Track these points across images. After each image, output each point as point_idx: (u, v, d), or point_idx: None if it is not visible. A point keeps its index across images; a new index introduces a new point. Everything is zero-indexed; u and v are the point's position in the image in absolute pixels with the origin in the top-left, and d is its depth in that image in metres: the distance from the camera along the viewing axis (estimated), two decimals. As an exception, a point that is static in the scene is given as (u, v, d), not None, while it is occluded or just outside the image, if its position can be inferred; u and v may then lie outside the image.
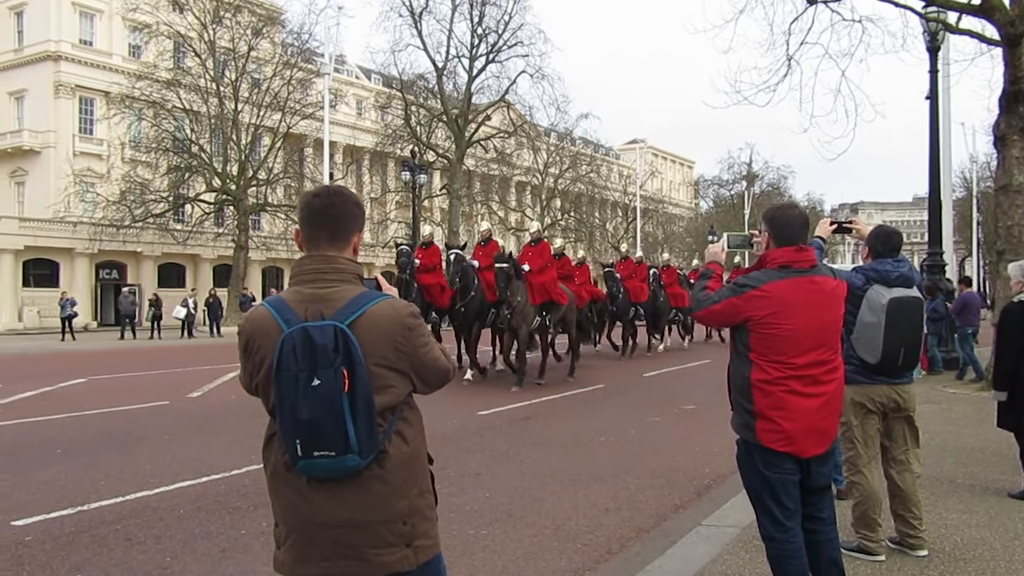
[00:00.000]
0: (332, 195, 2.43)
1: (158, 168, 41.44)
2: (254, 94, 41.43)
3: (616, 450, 8.50)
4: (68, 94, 46.15)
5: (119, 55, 47.60)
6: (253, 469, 7.28)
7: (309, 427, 2.13)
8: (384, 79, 54.53)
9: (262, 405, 2.37)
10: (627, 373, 16.81)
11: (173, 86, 39.42)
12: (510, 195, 64.62)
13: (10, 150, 46.77)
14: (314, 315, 2.20)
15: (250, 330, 2.33)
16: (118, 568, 4.76)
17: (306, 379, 2.12)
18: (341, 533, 2.25)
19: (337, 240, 2.37)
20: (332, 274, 2.32)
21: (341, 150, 54.02)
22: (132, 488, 6.58)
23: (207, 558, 4.97)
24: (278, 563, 2.37)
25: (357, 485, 2.23)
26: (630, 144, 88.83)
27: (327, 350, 2.13)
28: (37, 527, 5.58)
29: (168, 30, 40.32)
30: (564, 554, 5.05)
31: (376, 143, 51.52)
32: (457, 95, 47.47)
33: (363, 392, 2.15)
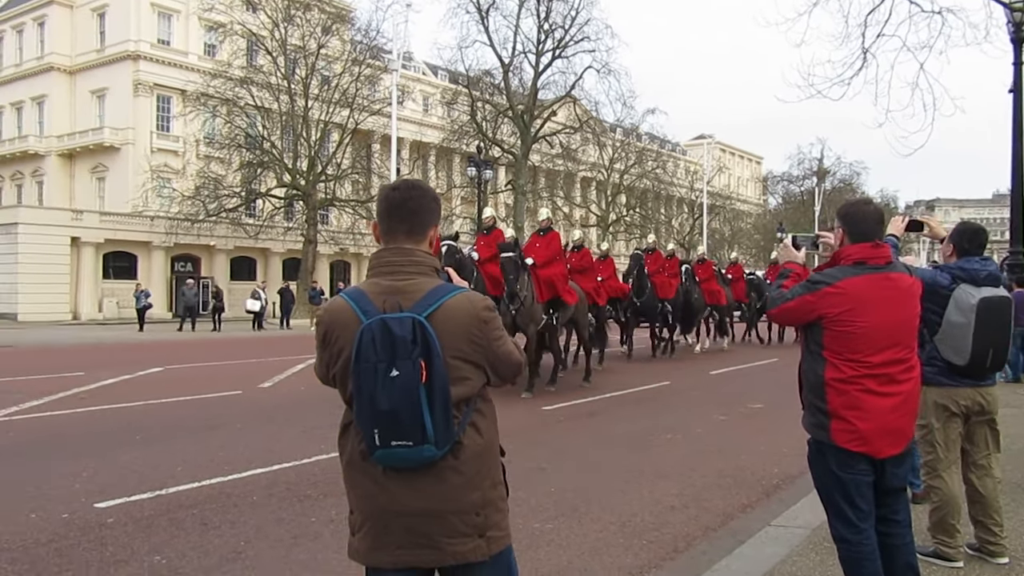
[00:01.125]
0: (411, 189, 2.45)
1: (231, 164, 42.49)
2: (323, 91, 42.19)
3: (682, 448, 8.43)
4: (146, 92, 47.66)
5: (195, 54, 48.94)
6: (322, 459, 7.44)
7: (388, 417, 2.16)
8: (450, 75, 54.88)
9: (329, 396, 2.46)
10: (693, 371, 16.63)
11: (246, 84, 40.37)
12: (575, 191, 64.46)
13: (92, 147, 48.57)
14: (392, 307, 2.24)
15: (329, 321, 2.37)
16: (195, 551, 4.91)
17: (385, 370, 2.15)
18: (416, 522, 2.28)
19: (415, 233, 2.40)
20: (410, 267, 2.35)
21: (408, 146, 54.57)
22: (207, 474, 6.77)
23: (279, 544, 5.09)
24: (352, 550, 2.40)
25: (432, 475, 2.25)
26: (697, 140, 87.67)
27: (406, 342, 2.16)
28: (118, 509, 5.78)
29: (242, 29, 41.34)
30: (630, 550, 5.03)
31: (442, 139, 51.90)
32: (523, 91, 47.50)
33: (440, 384, 2.18)
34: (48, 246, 40.03)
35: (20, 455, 7.68)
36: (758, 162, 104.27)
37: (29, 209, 43.17)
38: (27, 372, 15.01)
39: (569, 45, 46.54)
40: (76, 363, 16.71)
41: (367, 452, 2.25)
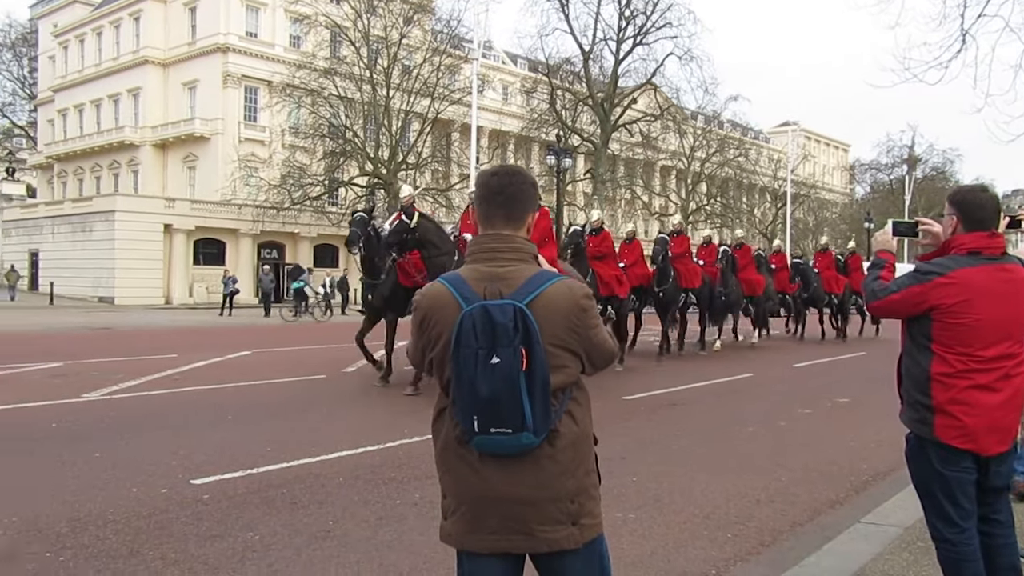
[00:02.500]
0: (510, 174, 2.45)
1: (315, 153, 43.43)
2: (405, 81, 42.68)
3: (766, 441, 8.28)
4: (235, 84, 49.06)
5: (281, 46, 50.09)
6: (405, 442, 7.59)
7: (487, 404, 2.17)
8: (530, 64, 54.86)
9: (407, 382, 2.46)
10: (776, 363, 16.30)
11: (330, 74, 41.13)
12: (654, 179, 63.73)
13: (183, 137, 50.29)
14: (493, 293, 2.24)
15: (427, 306, 2.37)
16: (285, 529, 5.06)
17: (485, 356, 2.15)
18: (510, 508, 2.29)
19: (513, 219, 2.40)
20: (509, 253, 2.35)
21: (487, 135, 54.78)
22: (295, 455, 6.96)
23: (365, 524, 5.20)
24: (445, 534, 2.42)
25: (528, 462, 2.26)
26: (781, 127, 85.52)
27: (507, 329, 2.16)
28: (213, 486, 6.00)
29: (326, 20, 42.12)
30: (714, 543, 4.97)
31: (521, 128, 51.96)
32: (603, 78, 47.20)
33: (540, 371, 2.18)
34: (143, 233, 41.70)
35: (121, 432, 8.03)
36: (845, 150, 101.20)
37: (125, 197, 45.01)
38: (125, 353, 15.66)
39: (650, 31, 46.05)
40: (169, 345, 17.37)
41: (464, 438, 2.26)
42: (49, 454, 6.95)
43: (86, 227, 43.51)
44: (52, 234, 46.23)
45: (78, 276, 42.22)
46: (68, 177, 59.40)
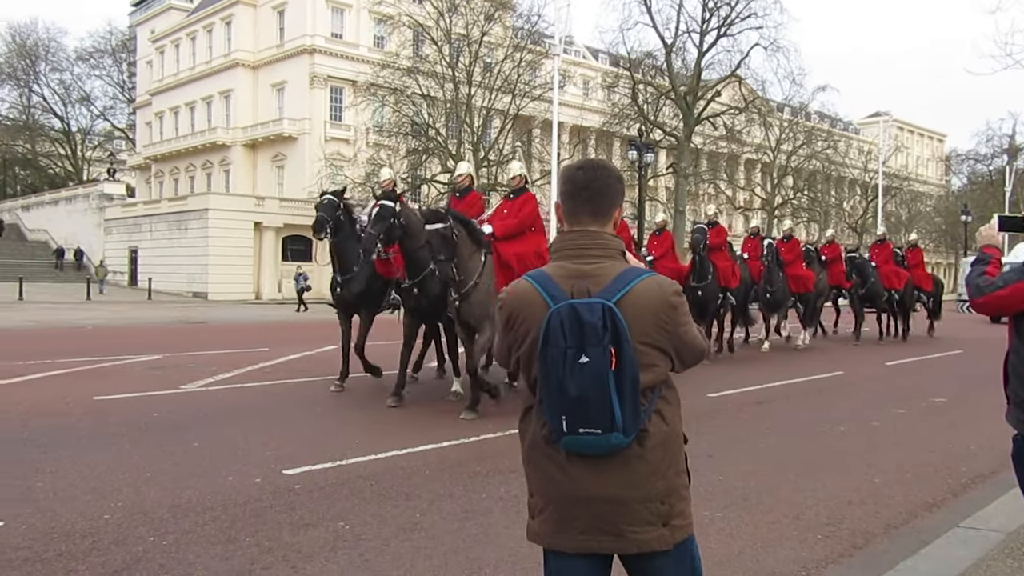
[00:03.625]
0: (595, 169, 2.40)
1: (398, 151, 44.10)
2: (486, 78, 42.94)
3: (857, 441, 8.05)
4: (321, 84, 50.24)
5: (365, 46, 51.07)
6: (488, 437, 7.67)
7: (576, 404, 2.13)
8: (611, 58, 54.52)
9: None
10: (867, 361, 15.82)
11: (412, 73, 41.70)
12: (739, 173, 62.54)
13: (272, 137, 51.77)
14: (580, 291, 2.21)
15: (514, 304, 2.34)
16: (374, 519, 5.17)
17: (574, 356, 2.12)
18: (600, 509, 2.26)
19: (600, 215, 2.35)
20: (596, 250, 2.31)
21: (568, 130, 54.68)
22: (382, 447, 7.10)
23: (452, 517, 5.27)
24: (532, 533, 2.39)
25: (617, 463, 2.23)
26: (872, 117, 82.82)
27: (596, 328, 2.12)
28: (304, 476, 6.17)
29: (409, 20, 42.74)
30: (804, 544, 4.86)
31: (602, 123, 51.67)
32: (686, 72, 46.54)
33: (630, 370, 2.14)
34: (234, 230, 43.14)
35: (217, 422, 8.34)
36: (940, 140, 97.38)
37: (218, 196, 46.62)
38: (219, 347, 16.23)
39: (735, 23, 45.15)
40: (260, 339, 17.92)
41: (552, 438, 2.23)
42: (151, 443, 7.26)
43: (181, 225, 45.25)
44: (150, 232, 48.19)
45: (174, 272, 43.95)
46: (164, 177, 61.84)
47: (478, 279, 8.77)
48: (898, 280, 20.00)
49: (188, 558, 4.44)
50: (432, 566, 4.41)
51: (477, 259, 8.86)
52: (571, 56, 56.80)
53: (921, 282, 21.25)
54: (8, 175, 72.52)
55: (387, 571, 4.33)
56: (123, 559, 4.40)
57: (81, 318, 25.83)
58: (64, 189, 61.50)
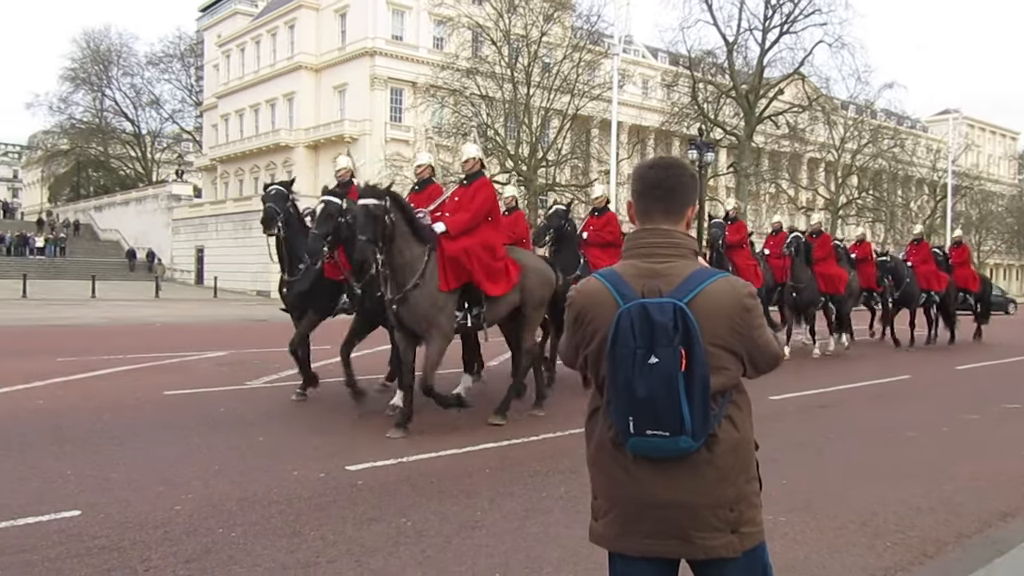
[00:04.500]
0: (669, 167, 2.37)
1: (457, 152, 44.32)
2: (545, 78, 42.92)
3: (926, 446, 7.85)
4: (381, 86, 50.88)
5: (425, 48, 51.53)
6: (548, 437, 7.69)
7: (645, 405, 2.11)
8: (671, 57, 54.02)
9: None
10: (936, 365, 15.39)
11: (472, 74, 41.88)
12: (801, 172, 61.37)
13: (334, 138, 52.59)
14: (651, 291, 2.18)
15: (582, 303, 2.32)
16: (436, 516, 5.22)
17: (643, 356, 2.09)
18: (667, 513, 2.23)
19: (672, 213, 2.32)
20: (669, 249, 2.27)
21: (627, 130, 54.34)
22: (443, 446, 7.16)
23: (512, 516, 5.30)
24: (596, 535, 2.38)
25: (686, 468, 2.20)
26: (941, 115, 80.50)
27: (666, 328, 2.09)
28: (366, 472, 6.27)
29: (468, 21, 42.96)
30: (872, 551, 4.76)
31: (662, 122, 51.22)
32: (747, 70, 45.91)
33: (700, 373, 2.11)
34: (296, 230, 43.83)
35: (281, 418, 8.51)
36: (1013, 138, 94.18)
37: (281, 197, 47.38)
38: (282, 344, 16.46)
39: (798, 19, 44.43)
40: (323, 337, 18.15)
41: (619, 439, 2.21)
42: (218, 437, 7.44)
43: (246, 225, 46.14)
44: (216, 231, 49.31)
45: (239, 271, 44.88)
46: (230, 178, 63.26)
47: (419, 279, 7.59)
48: (938, 282, 18.59)
49: (256, 550, 4.54)
50: (493, 564, 4.44)
51: (419, 256, 7.66)
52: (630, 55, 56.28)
53: (967, 282, 19.69)
54: (82, 177, 74.94)
55: (449, 568, 4.37)
56: (194, 549, 4.52)
57: (150, 315, 26.58)
58: (134, 190, 63.35)
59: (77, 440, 7.13)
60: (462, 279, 7.84)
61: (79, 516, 5.02)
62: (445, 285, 7.72)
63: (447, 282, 7.73)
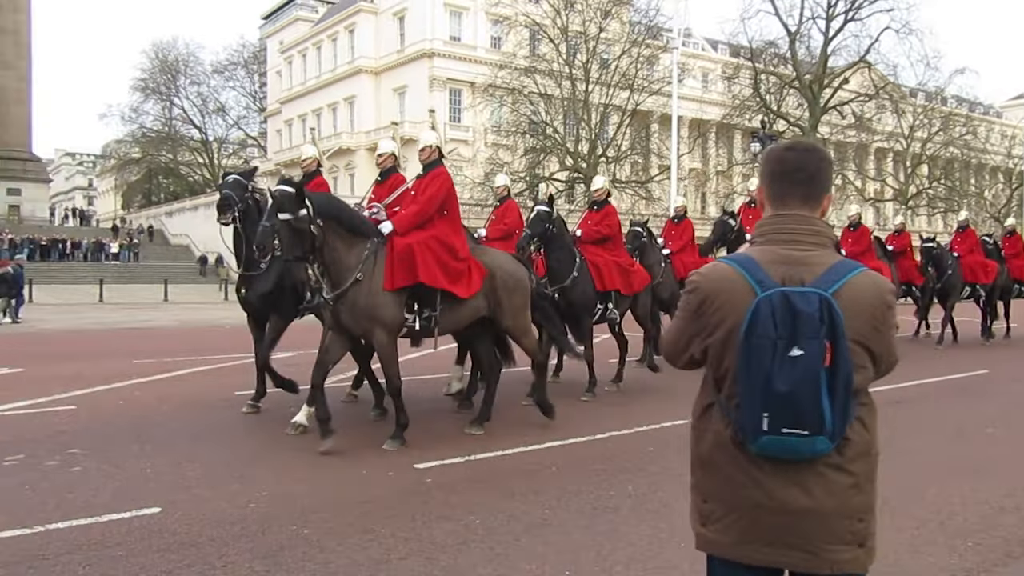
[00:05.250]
0: (808, 151, 2.22)
1: (516, 150, 44.49)
2: (603, 74, 42.79)
3: (1008, 444, 7.59)
4: (440, 87, 51.31)
5: (483, 48, 51.81)
6: (614, 434, 7.66)
7: (784, 401, 1.96)
8: (731, 49, 53.24)
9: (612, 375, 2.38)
10: (1014, 359, 14.88)
11: (530, 72, 41.97)
12: (868, 163, 59.88)
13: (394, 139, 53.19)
14: (793, 280, 2.04)
15: (709, 288, 2.16)
16: (504, 514, 5.24)
17: (784, 348, 1.95)
18: (792, 521, 2.06)
19: (812, 199, 2.18)
20: (810, 236, 2.14)
21: (687, 124, 53.77)
22: (509, 444, 7.18)
23: (580, 514, 5.28)
24: (705, 541, 2.21)
25: (815, 471, 2.05)
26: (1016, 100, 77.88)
27: (812, 319, 1.95)
28: (435, 471, 6.32)
29: (525, 20, 43.06)
30: (953, 551, 4.62)
31: (723, 115, 50.58)
32: (811, 59, 44.99)
33: (844, 369, 1.97)
34: (359, 232, 44.47)
35: (349, 417, 8.61)
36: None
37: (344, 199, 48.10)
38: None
39: (864, 6, 43.41)
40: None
41: (745, 438, 2.06)
42: (291, 437, 7.57)
43: (310, 228, 47.03)
44: (280, 235, 50.21)
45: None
46: (293, 182, 64.43)
47: (360, 275, 6.80)
48: (984, 273, 17.14)
49: (329, 546, 4.62)
50: (563, 562, 4.43)
51: (359, 251, 6.88)
52: (690, 48, 55.80)
53: (1020, 273, 18.20)
54: (153, 184, 77.19)
55: (519, 566, 4.39)
56: (268, 546, 4.62)
57: (219, 317, 27.21)
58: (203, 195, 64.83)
59: (155, 439, 7.34)
60: (411, 278, 6.98)
61: (159, 513, 5.17)
62: (390, 283, 6.91)
63: (392, 280, 6.92)
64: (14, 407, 8.77)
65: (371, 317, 6.90)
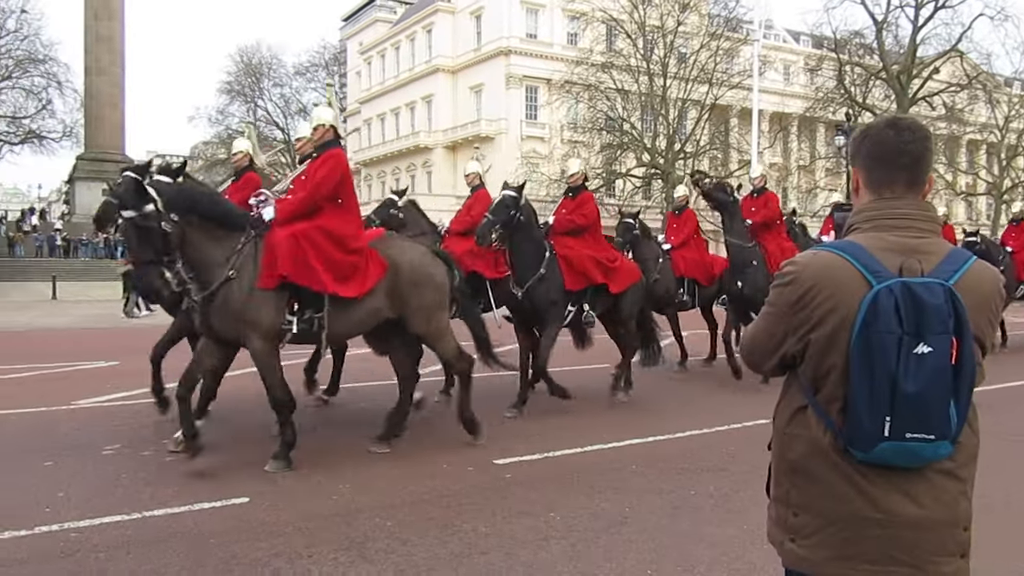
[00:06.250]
0: (913, 130, 2.03)
1: (592, 147, 44.26)
2: (681, 68, 42.24)
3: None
4: (516, 84, 51.44)
5: (559, 44, 51.73)
6: (695, 433, 7.55)
7: (911, 403, 1.80)
8: (814, 40, 51.94)
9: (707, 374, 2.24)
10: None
11: (606, 68, 41.72)
12: (960, 156, 57.57)
13: (470, 138, 53.59)
14: (911, 269, 1.88)
15: (811, 277, 1.97)
16: (584, 512, 5.22)
17: (910, 345, 1.80)
18: (900, 533, 1.92)
19: (917, 183, 2.03)
20: (924, 222, 1.99)
21: (768, 118, 52.64)
22: (588, 441, 7.14)
23: (661, 513, 5.23)
24: (795, 557, 2.04)
25: (924, 478, 1.91)
26: (1123, 86, 73.58)
27: (941, 312, 1.81)
28: (514, 467, 6.34)
29: (602, 15, 42.76)
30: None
31: (805, 108, 49.31)
32: (899, 49, 43.51)
33: (968, 367, 1.83)
34: (437, 229, 44.98)
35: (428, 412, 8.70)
36: None
37: (421, 197, 48.18)
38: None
39: (956, -8, 41.63)
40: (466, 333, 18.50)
41: (861, 444, 1.89)
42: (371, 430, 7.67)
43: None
44: (360, 233, 51.21)
45: (383, 270, 46.43)
46: (373, 180, 65.60)
47: (232, 272, 5.97)
48: None
49: (411, 539, 4.68)
50: (644, 561, 4.39)
51: (230, 246, 6.05)
52: (771, 41, 54.59)
53: None
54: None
55: (599, 563, 4.36)
56: (352, 537, 4.71)
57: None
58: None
59: (245, 433, 7.55)
60: (289, 267, 6.06)
61: (247, 503, 5.32)
62: (265, 280, 6.03)
63: (267, 277, 6.03)
64: (110, 399, 9.16)
65: (243, 320, 5.99)
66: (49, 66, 42.60)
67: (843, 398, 1.91)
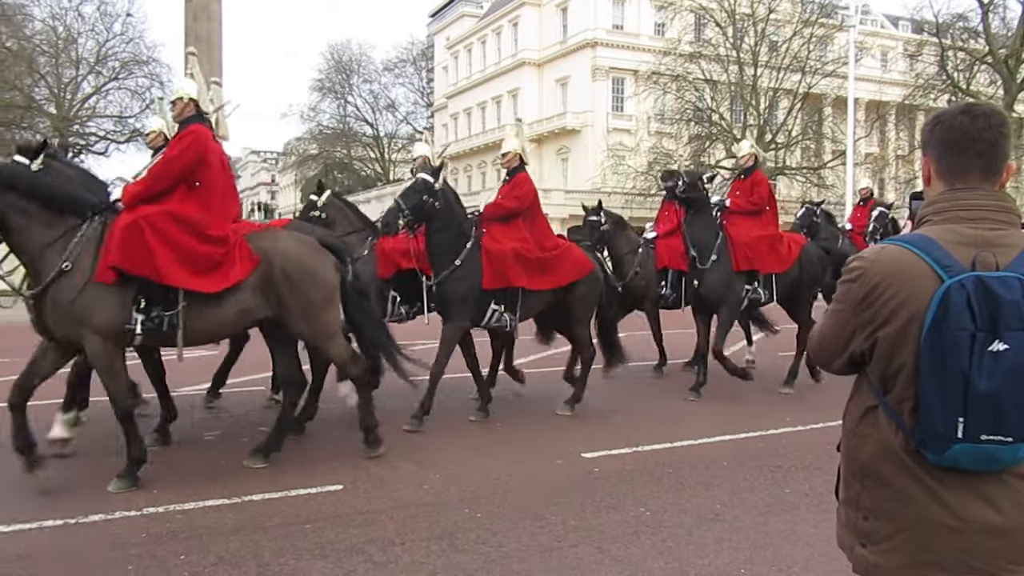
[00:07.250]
0: (989, 116, 1.93)
1: (680, 138, 43.57)
2: (772, 57, 41.20)
3: None
4: (603, 76, 51.07)
5: (646, 35, 51.08)
6: (788, 431, 7.40)
7: (986, 404, 1.74)
8: (914, 25, 49.93)
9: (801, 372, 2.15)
10: None
11: (695, 58, 40.96)
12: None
13: (557, 131, 53.52)
14: (986, 263, 1.80)
15: (880, 273, 1.90)
16: (674, 507, 5.17)
17: (984, 342, 1.73)
18: (976, 540, 1.84)
19: (993, 172, 1.93)
20: (1000, 214, 1.90)
21: (864, 106, 50.85)
22: (679, 436, 7.06)
23: (754, 511, 5.13)
24: (867, 564, 1.99)
25: (1002, 482, 1.83)
26: None
27: (1017, 308, 1.73)
28: (602, 460, 6.32)
29: (691, 4, 42.04)
30: None
31: (904, 96, 47.44)
32: (1007, 32, 41.36)
33: None
34: (522, 223, 45.12)
35: (517, 405, 8.73)
36: None
37: (507, 190, 48.99)
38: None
39: (1071, -32, 39.34)
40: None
41: (932, 446, 1.82)
42: (458, 421, 7.76)
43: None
44: (447, 226, 51.72)
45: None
46: (459, 174, 66.17)
47: (67, 264, 5.20)
48: None
49: (501, 530, 4.71)
50: (737, 560, 4.32)
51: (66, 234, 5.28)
52: (867, 26, 52.63)
53: None
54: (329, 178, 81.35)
55: (691, 560, 4.31)
56: (444, 527, 4.77)
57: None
58: (374, 189, 67.91)
59: (336, 422, 7.72)
60: (135, 266, 5.30)
61: (341, 490, 5.45)
62: (103, 275, 5.25)
63: (101, 269, 5.25)
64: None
65: (77, 318, 5.22)
66: (152, 67, 44.27)
67: (914, 398, 1.85)
